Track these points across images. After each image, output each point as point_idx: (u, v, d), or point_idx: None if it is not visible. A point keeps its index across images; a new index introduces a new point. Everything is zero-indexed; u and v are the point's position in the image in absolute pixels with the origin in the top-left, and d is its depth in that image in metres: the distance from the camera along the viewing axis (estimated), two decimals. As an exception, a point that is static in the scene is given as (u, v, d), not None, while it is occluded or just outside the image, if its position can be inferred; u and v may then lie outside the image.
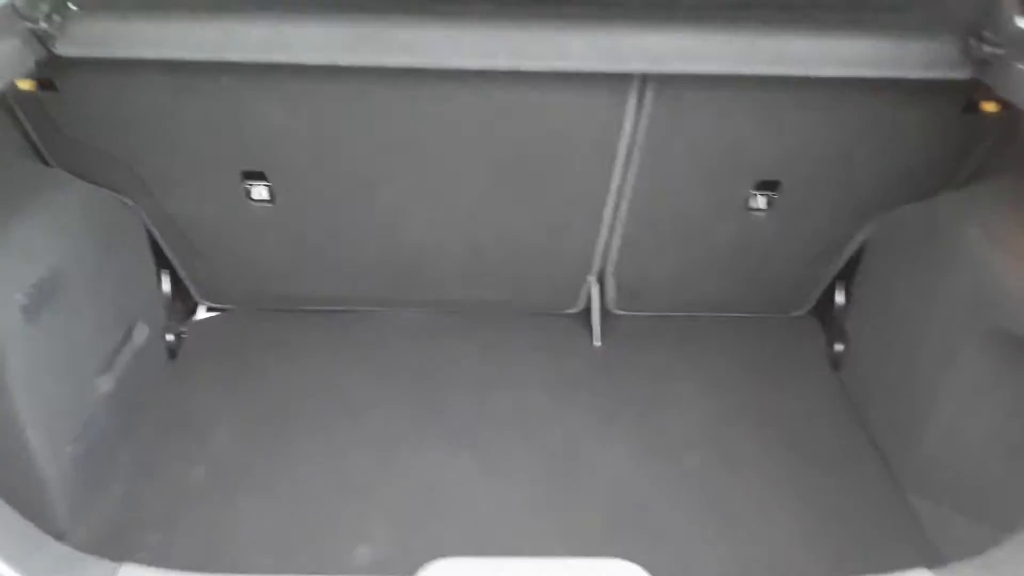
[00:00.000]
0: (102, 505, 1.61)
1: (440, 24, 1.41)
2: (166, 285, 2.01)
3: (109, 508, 1.61)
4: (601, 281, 2.06)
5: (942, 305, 1.57)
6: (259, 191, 1.76)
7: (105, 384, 1.64)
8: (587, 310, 2.14)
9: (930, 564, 1.04)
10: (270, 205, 1.78)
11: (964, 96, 1.54)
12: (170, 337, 2.01)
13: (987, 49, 1.36)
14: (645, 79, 1.52)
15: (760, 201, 1.78)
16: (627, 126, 1.61)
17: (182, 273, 2.02)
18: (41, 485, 1.45)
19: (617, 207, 1.80)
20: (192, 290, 2.09)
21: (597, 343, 2.10)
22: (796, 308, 2.14)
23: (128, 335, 1.75)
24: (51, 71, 1.46)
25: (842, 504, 1.67)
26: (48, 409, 1.45)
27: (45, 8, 1.34)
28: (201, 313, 2.16)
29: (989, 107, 1.54)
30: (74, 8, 1.39)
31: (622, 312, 2.13)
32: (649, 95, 1.55)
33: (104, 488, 1.63)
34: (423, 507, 1.65)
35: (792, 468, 1.74)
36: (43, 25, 1.34)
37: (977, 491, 1.48)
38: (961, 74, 1.43)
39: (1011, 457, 1.42)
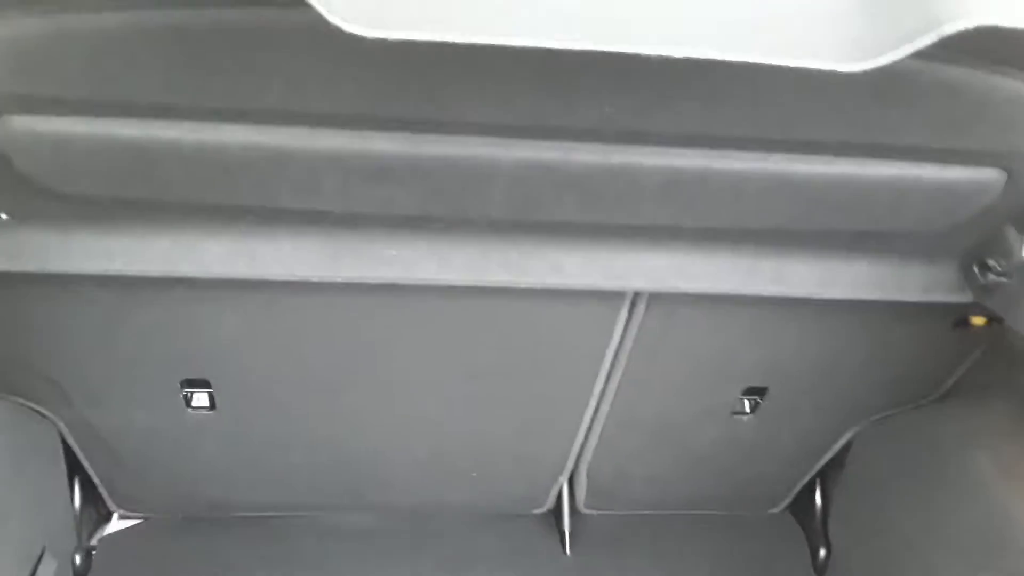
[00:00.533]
0: None
1: (427, 238, 1.28)
2: (77, 497, 1.74)
3: None
4: (571, 480, 1.91)
5: (952, 534, 1.48)
6: (199, 399, 1.56)
7: None
8: (555, 510, 1.98)
9: None
10: (210, 413, 1.58)
11: (956, 312, 1.51)
12: (78, 559, 1.72)
13: (991, 277, 1.34)
14: (639, 294, 1.43)
15: (746, 406, 1.70)
16: (615, 337, 1.50)
17: (97, 481, 1.76)
18: None
19: (597, 410, 1.68)
20: (107, 498, 1.81)
21: (568, 550, 1.92)
22: (773, 505, 2.03)
23: (36, 570, 1.47)
24: None
25: None
26: None
27: None
28: (115, 523, 1.88)
29: (979, 321, 1.52)
30: (4, 217, 1.20)
31: (592, 511, 1.97)
32: (641, 309, 1.46)
33: None
34: None
35: None
36: None
37: None
38: (961, 298, 1.40)
39: None
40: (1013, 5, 0.75)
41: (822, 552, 1.90)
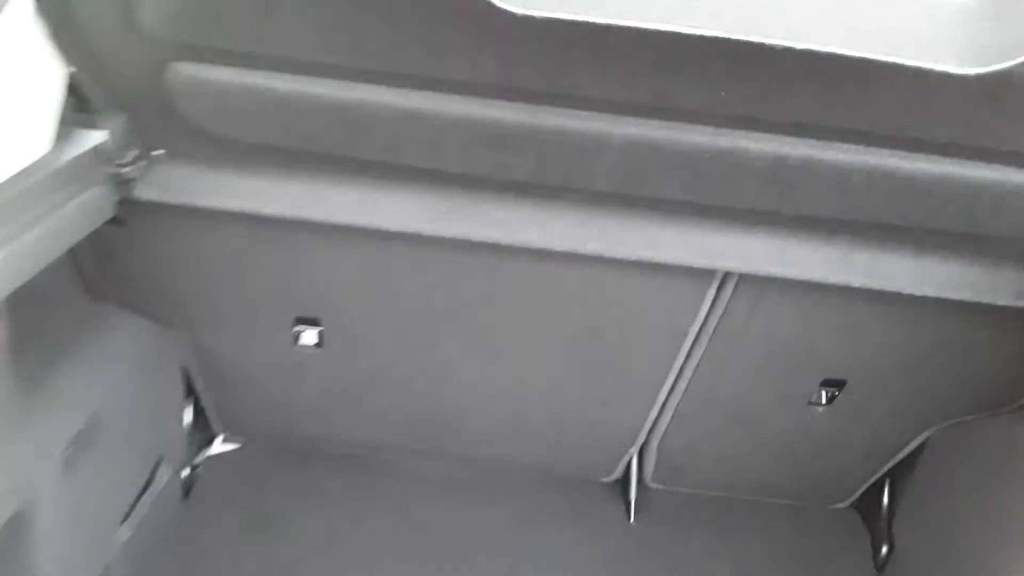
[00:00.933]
0: None
1: (532, 204, 1.37)
2: (188, 416, 1.91)
3: None
4: (642, 453, 1.98)
5: (1020, 538, 1.50)
6: (309, 336, 1.69)
7: (124, 533, 1.52)
8: (622, 480, 2.06)
9: None
10: (317, 350, 1.71)
11: None
12: (185, 473, 1.89)
13: None
14: (728, 275, 1.49)
15: (823, 397, 1.74)
16: (700, 316, 1.57)
17: (206, 404, 1.93)
18: None
19: (674, 386, 1.75)
20: (213, 421, 1.99)
21: (632, 520, 2.00)
22: (839, 500, 2.06)
23: (151, 477, 1.64)
24: (122, 208, 1.40)
25: None
26: (67, 564, 1.33)
27: (133, 154, 1.29)
28: (217, 445, 2.05)
29: None
30: (160, 153, 1.34)
31: (658, 486, 2.04)
32: (728, 290, 1.52)
33: None
34: None
35: None
36: (127, 170, 1.29)
37: None
38: None
39: None
40: None
41: (884, 549, 1.92)
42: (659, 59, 1.04)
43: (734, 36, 0.86)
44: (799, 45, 0.87)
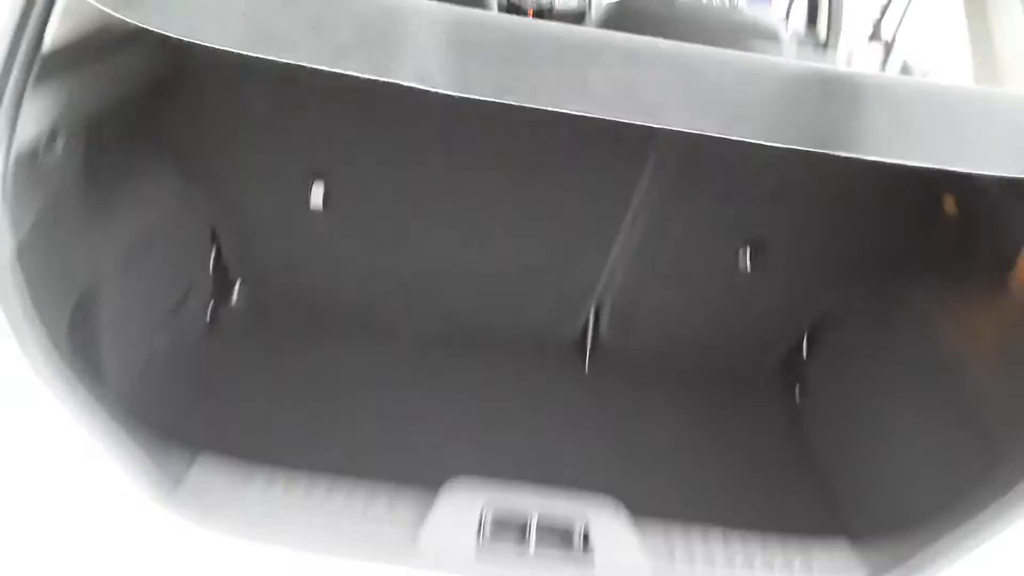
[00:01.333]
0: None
1: None
2: (211, 263, 2.23)
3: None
4: (597, 313, 2.31)
5: (901, 368, 1.84)
6: (316, 195, 2.01)
7: (162, 339, 1.85)
8: (581, 338, 2.39)
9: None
10: (323, 211, 2.03)
11: (930, 195, 1.84)
12: (207, 314, 2.22)
13: None
14: (669, 144, 1.80)
15: (747, 259, 2.06)
16: (644, 180, 1.89)
17: (227, 259, 2.24)
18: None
19: (624, 248, 2.07)
20: (231, 271, 2.30)
21: (587, 371, 2.35)
22: (766, 360, 2.39)
23: (185, 299, 1.97)
24: (176, 76, 1.71)
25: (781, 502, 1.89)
26: (120, 347, 1.65)
27: None
28: (234, 299, 2.37)
29: (951, 207, 1.85)
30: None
31: (613, 345, 2.37)
32: (669, 158, 1.84)
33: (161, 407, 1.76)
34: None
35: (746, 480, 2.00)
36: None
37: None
38: None
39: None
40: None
41: (800, 396, 2.27)
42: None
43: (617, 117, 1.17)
44: (658, 125, 1.18)
